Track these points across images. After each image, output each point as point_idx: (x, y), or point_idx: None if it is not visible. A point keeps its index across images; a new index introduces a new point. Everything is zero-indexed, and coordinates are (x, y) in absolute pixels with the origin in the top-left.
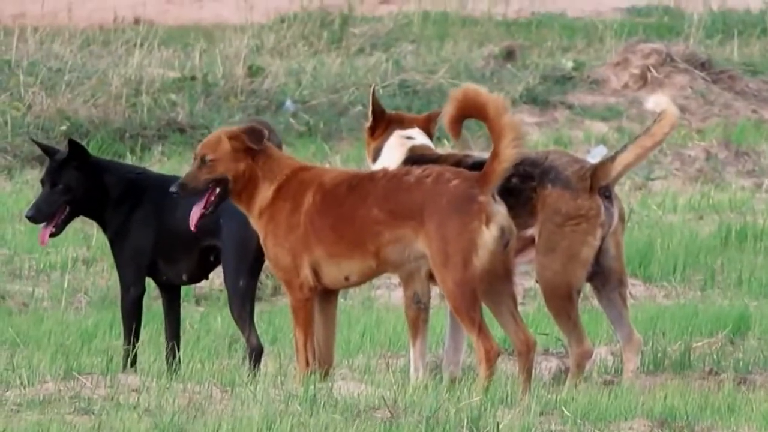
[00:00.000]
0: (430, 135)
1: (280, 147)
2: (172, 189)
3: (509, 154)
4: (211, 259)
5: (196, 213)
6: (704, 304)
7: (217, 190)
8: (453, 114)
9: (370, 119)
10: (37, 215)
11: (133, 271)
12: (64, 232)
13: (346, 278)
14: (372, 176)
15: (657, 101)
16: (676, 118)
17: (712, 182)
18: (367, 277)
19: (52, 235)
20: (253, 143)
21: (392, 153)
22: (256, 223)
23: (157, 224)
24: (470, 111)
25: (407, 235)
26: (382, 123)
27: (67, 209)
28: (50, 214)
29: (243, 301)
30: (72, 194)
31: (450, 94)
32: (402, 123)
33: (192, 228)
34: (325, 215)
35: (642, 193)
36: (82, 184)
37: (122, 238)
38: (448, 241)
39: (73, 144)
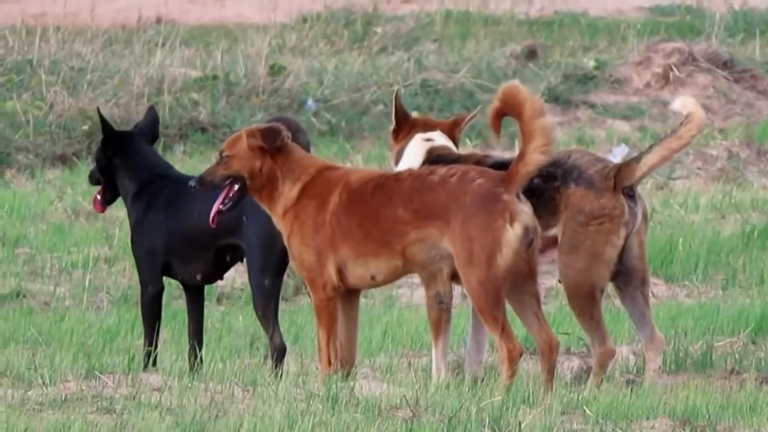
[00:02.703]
0: (454, 139)
1: (308, 146)
2: (191, 183)
3: (535, 159)
4: (228, 259)
5: (214, 209)
6: (726, 304)
7: (235, 187)
8: (494, 109)
9: (394, 123)
10: (89, 178)
11: (149, 269)
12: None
13: (373, 277)
14: (398, 176)
15: (684, 103)
16: (702, 120)
17: (734, 181)
18: (393, 277)
19: (101, 204)
20: (265, 142)
21: (413, 154)
22: (279, 222)
23: (169, 224)
24: (508, 108)
25: (433, 235)
26: (406, 126)
27: (103, 182)
28: (95, 181)
29: (268, 300)
30: (98, 167)
31: (497, 91)
32: (425, 126)
33: (211, 224)
34: (351, 214)
35: (664, 193)
36: (99, 160)
37: (138, 236)
38: (472, 240)
39: (99, 117)
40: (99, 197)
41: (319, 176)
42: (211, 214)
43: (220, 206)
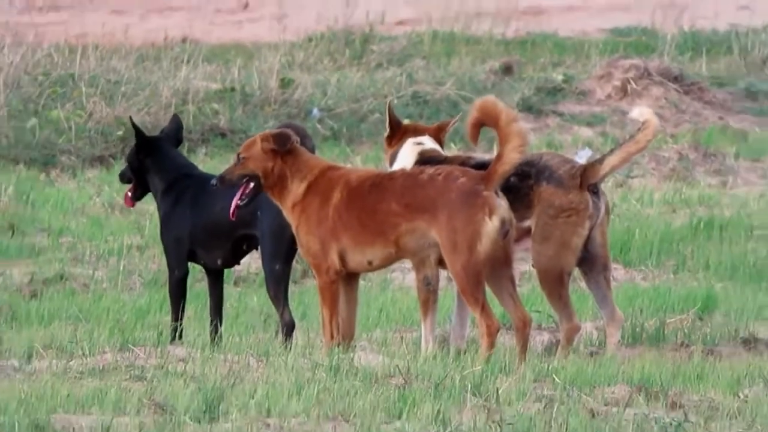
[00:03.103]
0: (440, 142)
1: (313, 149)
2: (212, 182)
3: (512, 158)
4: (244, 247)
5: (233, 204)
6: (676, 286)
7: (251, 184)
8: (473, 120)
9: (388, 130)
10: (119, 177)
11: (176, 256)
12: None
13: (369, 263)
14: (391, 175)
15: (641, 112)
16: (657, 127)
17: (683, 180)
18: (387, 262)
19: (132, 199)
20: (276, 145)
21: (406, 157)
22: (289, 215)
23: (193, 217)
24: (486, 119)
25: (421, 226)
26: (398, 133)
27: (134, 180)
28: (126, 180)
29: (278, 283)
30: (130, 168)
31: (473, 105)
32: (415, 132)
33: (231, 216)
34: (351, 209)
35: (623, 190)
36: (132, 161)
37: (166, 227)
38: (456, 231)
39: (132, 124)
40: (130, 194)
41: (323, 175)
42: (231, 209)
43: (238, 201)
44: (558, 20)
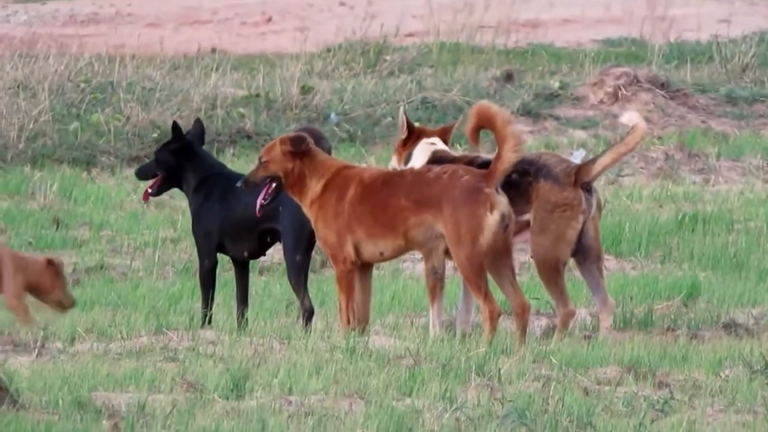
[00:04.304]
0: (446, 142)
1: (329, 150)
2: (238, 184)
3: (510, 157)
4: (268, 240)
5: (258, 203)
6: (663, 275)
7: (273, 184)
8: (471, 125)
9: (406, 133)
10: (137, 173)
11: (206, 247)
12: (163, 197)
13: (381, 254)
14: (401, 173)
15: (630, 117)
16: (645, 130)
17: (669, 178)
18: (397, 253)
19: (150, 195)
20: (293, 147)
21: (420, 156)
22: (308, 211)
23: (222, 212)
24: (483, 122)
25: (428, 220)
26: (413, 135)
27: (161, 178)
28: (147, 176)
29: (299, 272)
30: (161, 167)
31: (469, 110)
32: (426, 134)
33: (257, 213)
34: (364, 204)
35: (614, 187)
36: (168, 162)
37: (197, 221)
38: (460, 224)
39: (174, 127)
40: (150, 190)
41: (339, 174)
42: (257, 207)
43: (262, 201)
44: (554, 32)
